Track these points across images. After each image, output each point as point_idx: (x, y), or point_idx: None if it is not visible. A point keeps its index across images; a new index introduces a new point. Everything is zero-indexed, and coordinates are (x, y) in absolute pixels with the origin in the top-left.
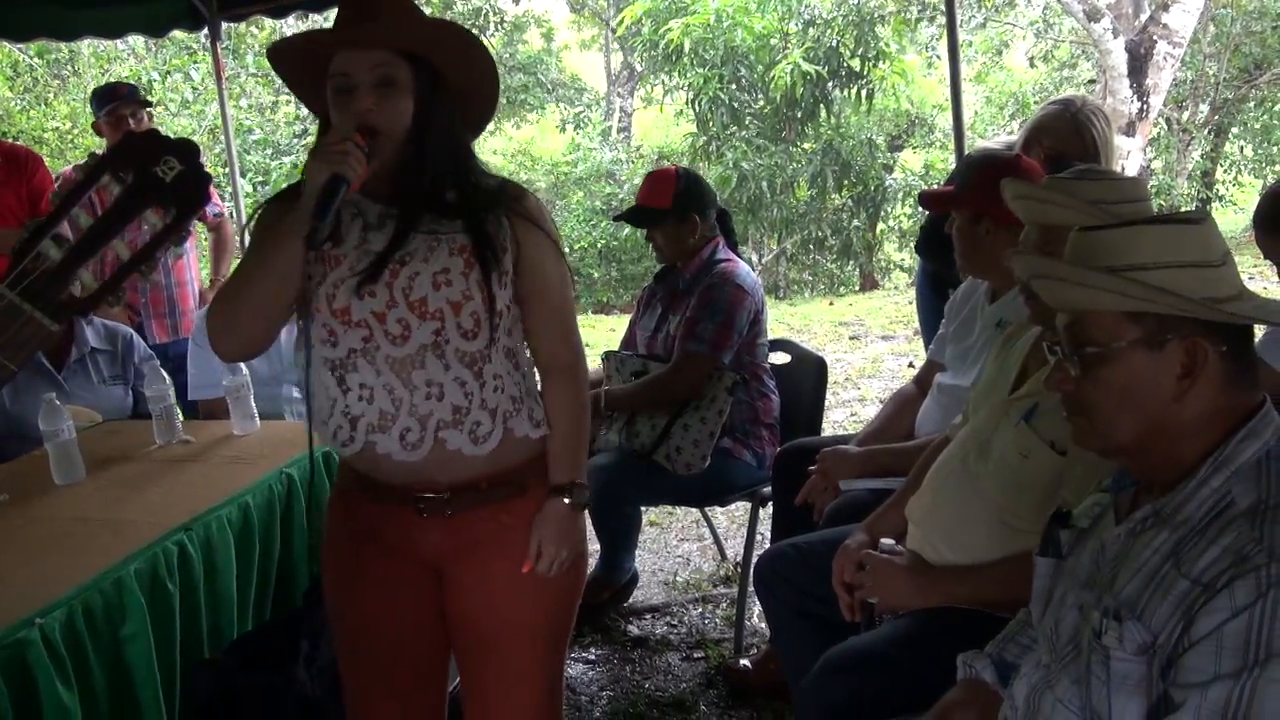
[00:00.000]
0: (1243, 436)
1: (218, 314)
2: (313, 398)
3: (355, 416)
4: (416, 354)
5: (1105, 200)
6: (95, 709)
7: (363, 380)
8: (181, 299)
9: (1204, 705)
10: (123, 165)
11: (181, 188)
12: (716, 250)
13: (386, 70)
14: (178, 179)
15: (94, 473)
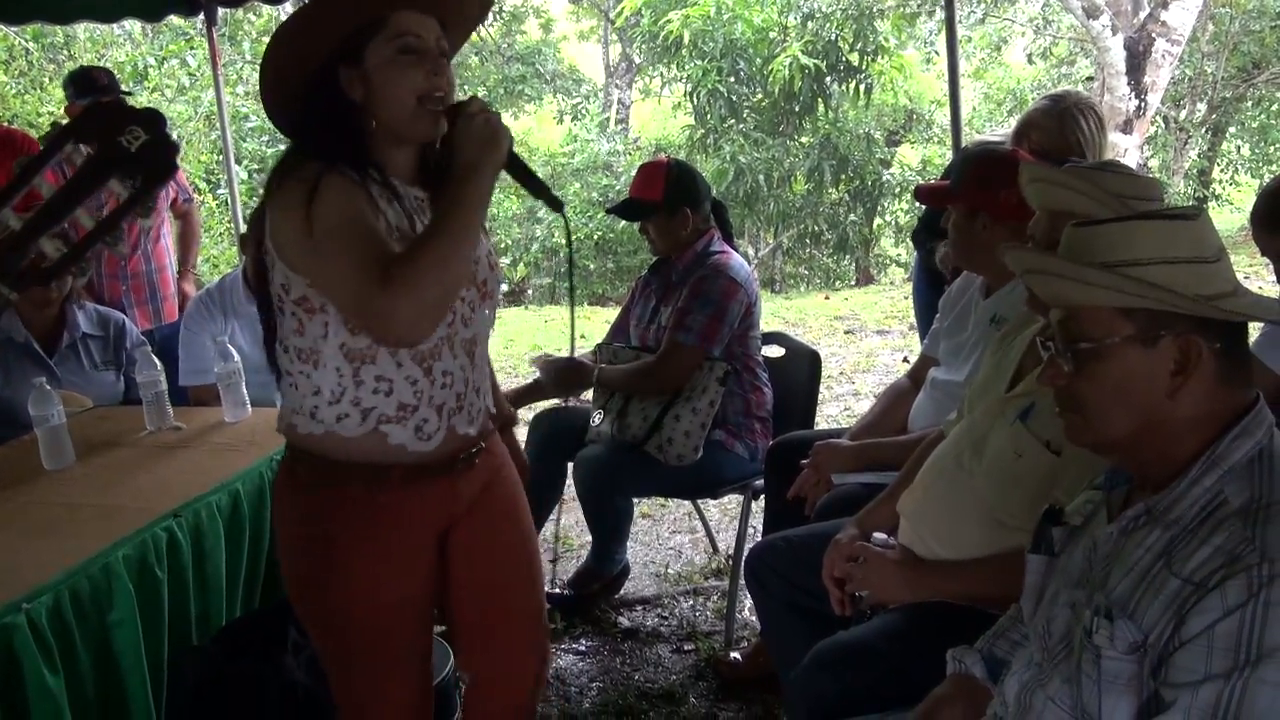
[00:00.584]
0: (1236, 435)
1: (424, 302)
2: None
3: (439, 404)
4: (480, 334)
5: (1126, 194)
6: (82, 695)
7: (445, 368)
8: (162, 284)
9: (1194, 705)
10: (86, 135)
11: (147, 157)
12: (711, 242)
13: (442, 41)
14: (143, 148)
15: (83, 458)
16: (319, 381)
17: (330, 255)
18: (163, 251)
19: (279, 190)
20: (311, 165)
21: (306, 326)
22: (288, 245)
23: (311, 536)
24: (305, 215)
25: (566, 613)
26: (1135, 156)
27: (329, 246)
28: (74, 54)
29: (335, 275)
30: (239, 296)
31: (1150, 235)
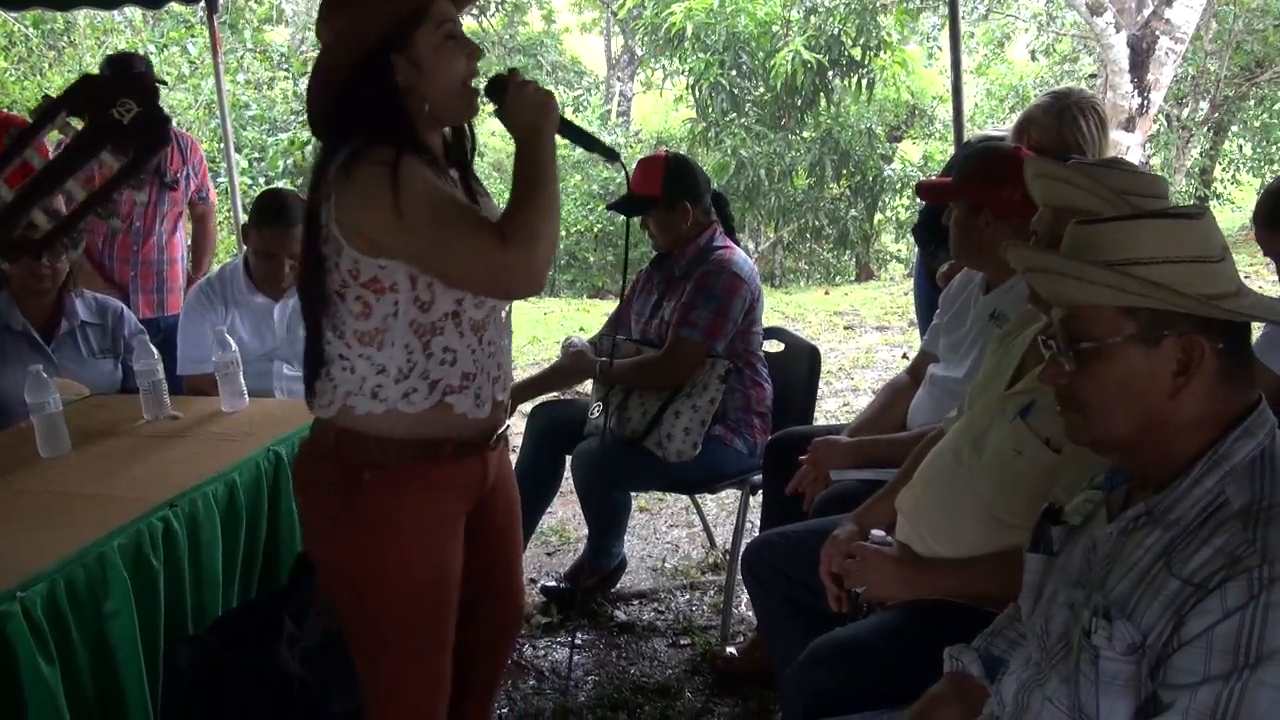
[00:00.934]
0: (1237, 435)
1: (540, 252)
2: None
3: (491, 375)
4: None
5: (1131, 192)
6: (77, 684)
7: (490, 339)
8: (170, 276)
9: (1193, 707)
10: (78, 106)
11: (140, 129)
12: (714, 237)
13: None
14: (135, 120)
15: (80, 446)
16: (384, 361)
17: (435, 228)
18: (177, 244)
19: (352, 177)
20: (379, 151)
21: (374, 307)
22: (369, 229)
23: (360, 519)
24: (394, 198)
25: (563, 606)
26: (1138, 154)
27: (430, 221)
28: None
29: (444, 245)
30: (239, 286)
31: (1154, 234)
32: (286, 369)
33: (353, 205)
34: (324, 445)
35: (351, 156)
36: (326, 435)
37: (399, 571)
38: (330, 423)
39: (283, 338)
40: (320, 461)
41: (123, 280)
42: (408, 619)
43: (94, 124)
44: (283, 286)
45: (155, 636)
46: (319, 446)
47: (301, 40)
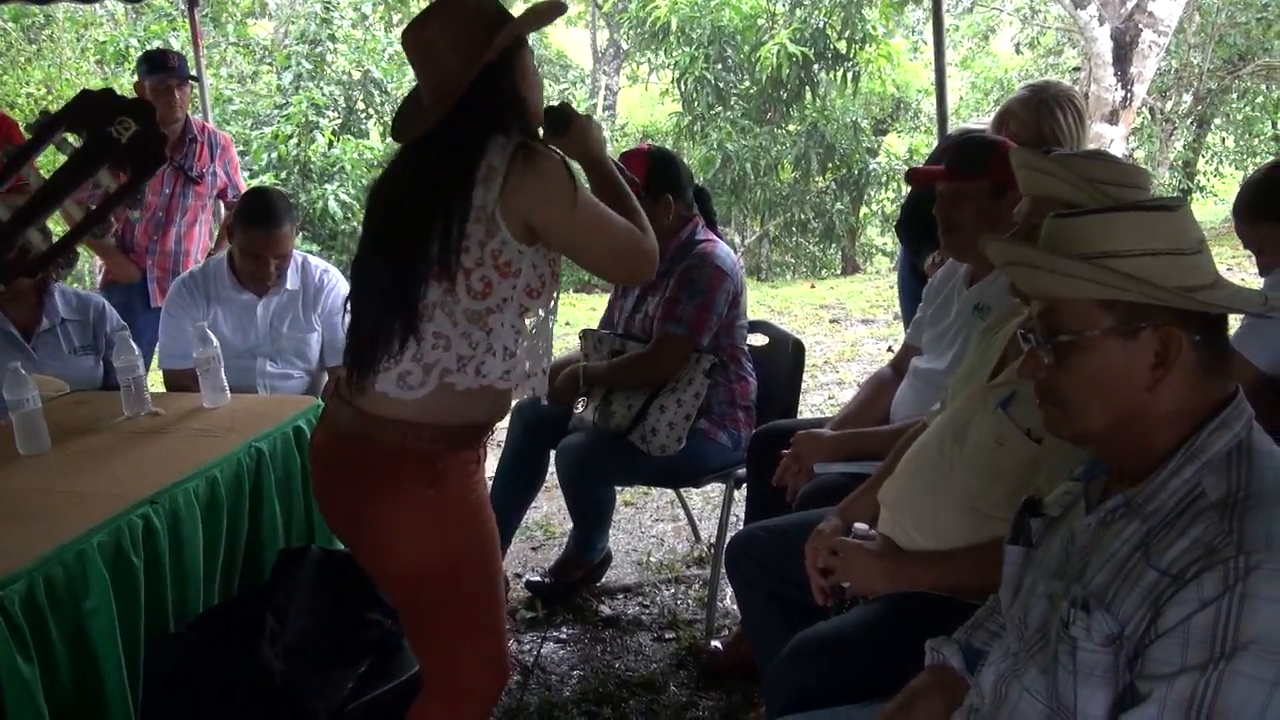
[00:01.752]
0: (1214, 427)
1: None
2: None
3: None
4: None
5: (1102, 180)
6: (56, 682)
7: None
8: (186, 268)
9: (1169, 697)
10: (76, 123)
11: (137, 148)
12: (696, 230)
13: None
14: (133, 139)
15: (59, 443)
16: (493, 340)
17: (599, 223)
18: (196, 237)
19: (536, 170)
20: (545, 149)
21: (496, 288)
22: (540, 217)
23: (448, 505)
24: (573, 193)
25: (548, 601)
26: (1121, 147)
27: (597, 216)
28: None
29: (608, 233)
30: (223, 282)
31: (1130, 227)
32: (270, 365)
33: (534, 194)
34: (393, 445)
35: (525, 150)
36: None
37: (478, 546)
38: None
39: (266, 334)
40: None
41: (141, 267)
42: (491, 587)
43: (92, 142)
44: (268, 285)
45: (136, 634)
46: (390, 448)
47: (285, 34)
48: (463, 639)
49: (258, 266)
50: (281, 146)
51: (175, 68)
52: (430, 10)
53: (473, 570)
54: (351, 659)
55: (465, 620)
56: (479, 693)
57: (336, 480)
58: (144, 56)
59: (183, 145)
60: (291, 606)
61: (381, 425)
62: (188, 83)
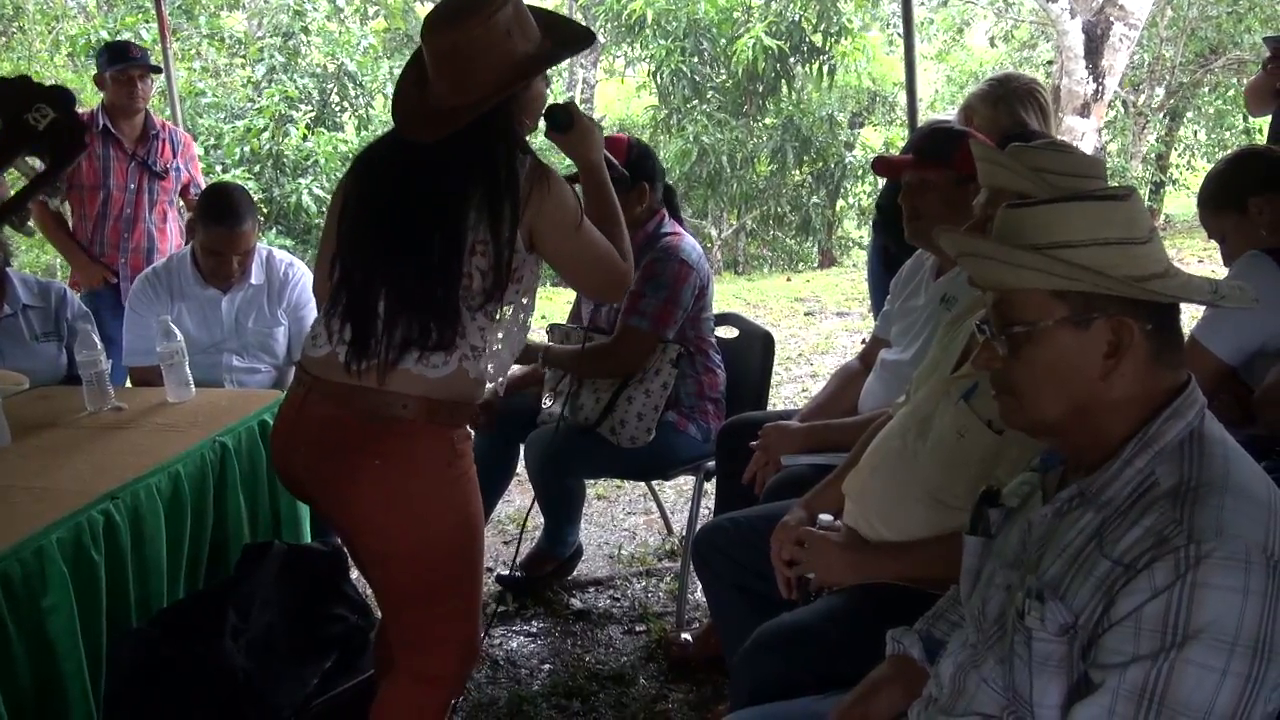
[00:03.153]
0: (1167, 416)
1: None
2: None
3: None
4: None
5: (1049, 170)
6: (14, 679)
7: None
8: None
9: (1121, 686)
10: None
11: (56, 136)
12: (662, 224)
13: None
14: (51, 126)
15: (20, 439)
16: (501, 336)
17: (590, 244)
18: (168, 233)
19: (550, 187)
20: (549, 166)
21: (505, 291)
22: (550, 231)
23: (458, 478)
24: (579, 214)
25: (518, 594)
26: (1093, 140)
27: (590, 237)
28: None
29: (594, 255)
30: (186, 278)
31: (1081, 217)
32: (236, 360)
33: (547, 213)
34: (414, 423)
35: (540, 168)
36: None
37: (478, 522)
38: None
39: (231, 329)
40: (418, 438)
41: (112, 264)
42: (476, 567)
43: (8, 129)
44: (231, 281)
45: (97, 630)
46: (410, 425)
47: (258, 26)
48: (444, 620)
49: (220, 264)
50: (255, 140)
51: (136, 58)
52: (471, 12)
53: (470, 547)
54: (316, 655)
55: (450, 600)
56: (450, 676)
57: (332, 455)
58: (105, 47)
59: (146, 140)
60: (255, 602)
61: (402, 402)
62: (150, 74)
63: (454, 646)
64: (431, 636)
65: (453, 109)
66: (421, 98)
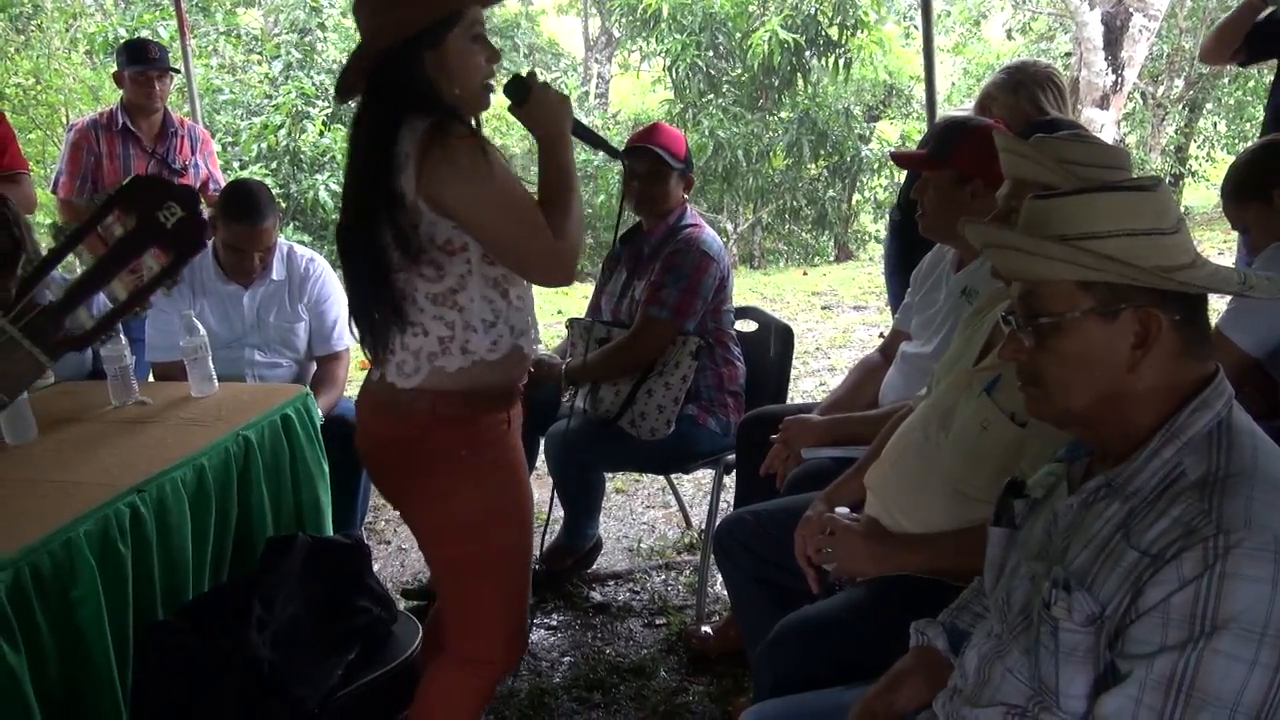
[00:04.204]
0: (1195, 407)
1: (577, 248)
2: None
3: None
4: None
5: (1075, 161)
6: (44, 671)
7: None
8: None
9: (1149, 676)
10: (129, 207)
11: (181, 233)
12: (684, 215)
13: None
14: (178, 224)
15: (46, 433)
16: (468, 317)
17: (505, 209)
18: None
19: (443, 148)
20: (459, 127)
21: (447, 269)
22: (454, 194)
23: (480, 470)
24: (484, 170)
25: (538, 587)
26: (1112, 132)
27: (503, 200)
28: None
29: (510, 225)
30: (208, 273)
31: (1108, 207)
32: (258, 355)
33: (443, 176)
34: (421, 416)
35: (435, 129)
36: (418, 405)
37: (513, 507)
38: (420, 390)
39: (252, 325)
40: (431, 429)
41: (136, 266)
42: (523, 554)
43: (141, 225)
44: (252, 277)
45: (124, 622)
46: (416, 419)
47: (274, 23)
48: (494, 604)
49: (241, 260)
50: (271, 136)
51: (156, 59)
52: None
53: (508, 533)
54: (340, 647)
55: (497, 585)
56: (498, 660)
57: (380, 452)
58: (124, 47)
59: (165, 138)
60: (280, 595)
61: (409, 396)
62: (168, 74)
63: (498, 630)
64: (475, 618)
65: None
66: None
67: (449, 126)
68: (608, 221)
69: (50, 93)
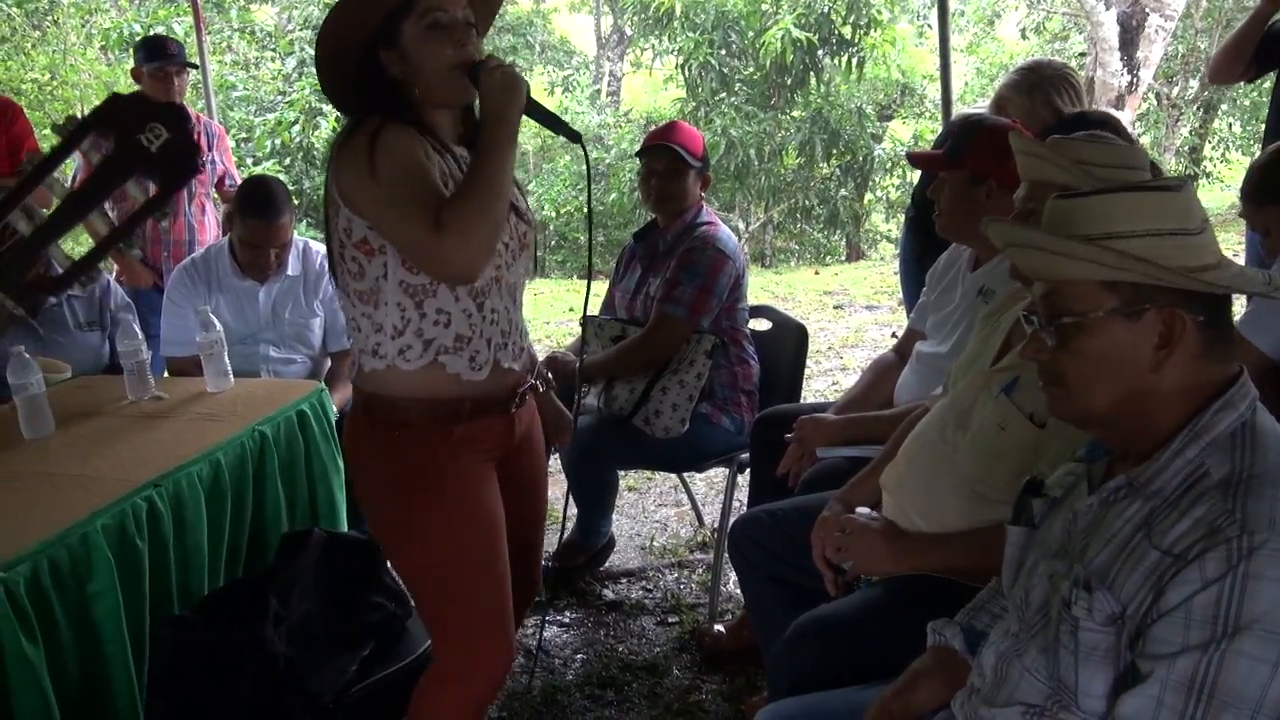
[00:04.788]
0: (1218, 408)
1: (474, 244)
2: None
3: (489, 338)
4: (519, 281)
5: (1092, 162)
6: (61, 663)
7: (493, 305)
8: None
9: (1171, 677)
10: (104, 131)
11: (168, 157)
12: (700, 213)
13: (469, 14)
14: (164, 148)
15: (63, 427)
16: (381, 320)
17: (393, 201)
18: (207, 225)
19: (347, 143)
20: (373, 120)
21: (366, 269)
22: (353, 191)
23: (400, 477)
24: (370, 161)
25: (551, 585)
26: None
27: (391, 192)
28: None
29: (397, 219)
30: (224, 269)
31: (1133, 207)
32: (273, 350)
33: (343, 168)
34: (358, 409)
35: (353, 126)
36: (359, 398)
37: (442, 524)
38: (359, 386)
39: (268, 320)
40: (358, 423)
41: (155, 262)
42: (460, 568)
43: (121, 150)
44: (268, 273)
45: (140, 616)
46: (355, 410)
47: (288, 19)
48: (450, 620)
49: (258, 256)
50: (285, 133)
51: (174, 54)
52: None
53: (449, 551)
54: (355, 642)
55: (448, 601)
56: (470, 676)
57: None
58: (142, 42)
59: None
60: (295, 589)
61: (356, 393)
62: (186, 70)
63: (459, 644)
64: (439, 633)
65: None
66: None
67: (364, 124)
68: (619, 219)
69: (66, 88)
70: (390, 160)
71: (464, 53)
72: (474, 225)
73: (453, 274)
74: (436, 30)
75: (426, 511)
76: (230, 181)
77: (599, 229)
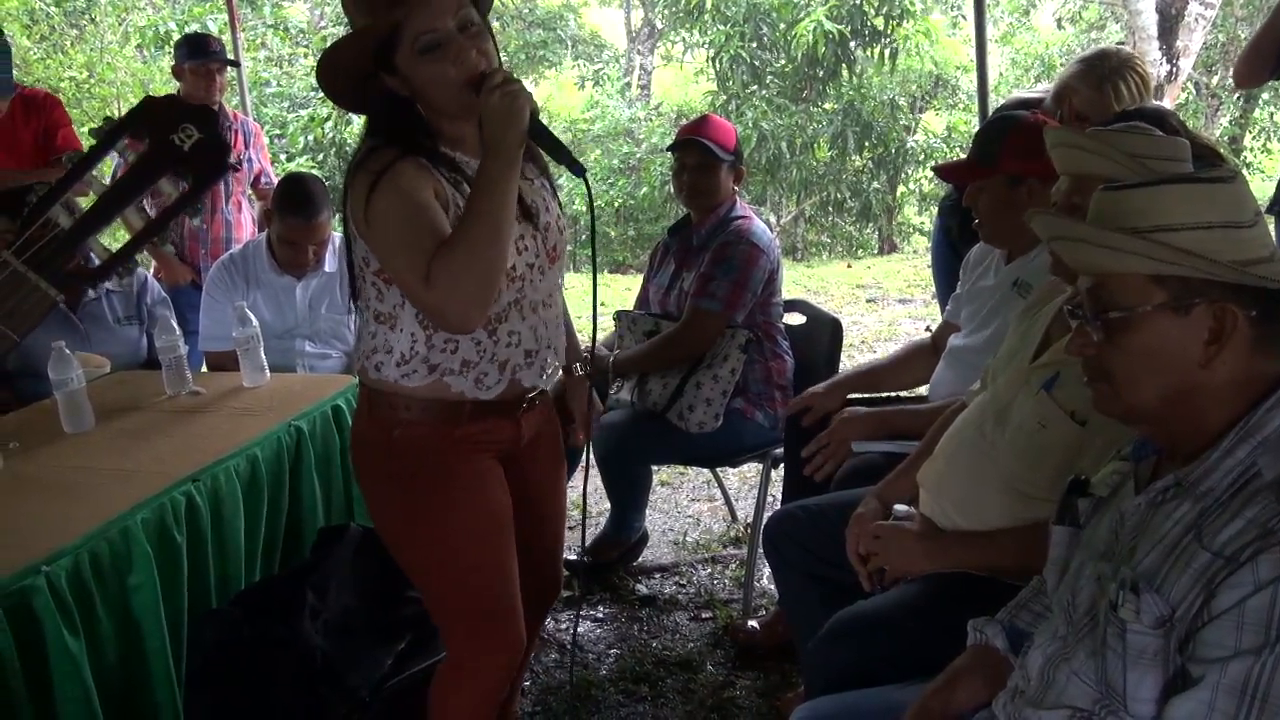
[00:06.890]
0: (1270, 406)
1: (466, 294)
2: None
3: (503, 361)
4: (551, 295)
5: (1145, 155)
6: (102, 656)
7: (511, 328)
8: None
9: (1223, 681)
10: (139, 130)
11: (199, 156)
12: (734, 207)
13: (466, 13)
14: (195, 147)
15: (103, 422)
16: (392, 343)
17: (388, 251)
18: (243, 223)
19: (354, 180)
20: (383, 155)
21: (385, 295)
22: (357, 229)
23: (399, 475)
24: (367, 206)
25: (584, 579)
26: None
27: (386, 243)
28: (95, 18)
29: (393, 268)
30: (262, 265)
31: (1183, 199)
32: (309, 346)
33: (352, 202)
34: (362, 404)
35: (365, 156)
36: (362, 394)
37: (442, 522)
38: (362, 383)
39: (304, 316)
40: (358, 419)
41: (194, 259)
42: (464, 563)
43: (154, 149)
44: (305, 269)
45: (179, 609)
46: (360, 407)
47: (320, 16)
48: (456, 616)
49: (296, 253)
50: (318, 129)
51: (216, 52)
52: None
53: (452, 547)
54: (391, 636)
55: (453, 596)
56: (479, 670)
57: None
58: (184, 39)
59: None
60: (332, 584)
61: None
62: (226, 67)
63: (459, 637)
64: (448, 628)
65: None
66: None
67: (372, 156)
68: (650, 214)
69: (103, 86)
70: (385, 207)
71: (465, 69)
72: (464, 276)
73: (446, 326)
74: (431, 53)
75: (429, 507)
76: (266, 179)
77: (630, 223)
